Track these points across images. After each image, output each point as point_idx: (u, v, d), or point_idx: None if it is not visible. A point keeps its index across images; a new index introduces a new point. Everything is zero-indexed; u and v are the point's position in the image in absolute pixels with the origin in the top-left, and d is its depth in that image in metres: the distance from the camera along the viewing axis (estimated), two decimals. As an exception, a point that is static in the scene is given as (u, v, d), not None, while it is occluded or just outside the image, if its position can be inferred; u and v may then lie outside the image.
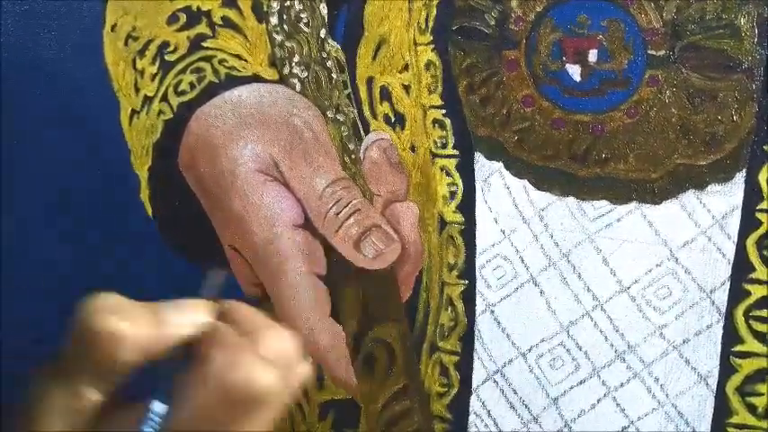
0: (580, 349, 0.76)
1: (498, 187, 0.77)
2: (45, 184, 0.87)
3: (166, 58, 0.79)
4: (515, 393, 0.78)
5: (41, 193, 0.87)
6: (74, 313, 0.48)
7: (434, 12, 0.76)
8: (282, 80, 0.77)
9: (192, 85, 0.77)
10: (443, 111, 0.77)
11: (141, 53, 0.80)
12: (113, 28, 0.81)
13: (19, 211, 0.88)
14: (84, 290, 0.88)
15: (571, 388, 0.76)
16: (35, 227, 0.88)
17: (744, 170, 0.72)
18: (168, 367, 0.48)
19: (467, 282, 0.78)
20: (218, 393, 0.47)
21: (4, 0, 0.84)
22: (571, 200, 0.75)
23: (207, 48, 0.78)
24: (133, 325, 0.46)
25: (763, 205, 0.72)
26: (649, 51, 0.72)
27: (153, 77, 0.79)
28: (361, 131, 0.78)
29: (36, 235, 0.88)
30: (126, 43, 0.81)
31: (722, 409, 0.73)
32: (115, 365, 0.46)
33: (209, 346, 0.48)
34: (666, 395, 0.75)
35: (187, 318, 0.49)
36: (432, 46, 0.77)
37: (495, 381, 0.78)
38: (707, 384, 0.74)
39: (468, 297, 0.78)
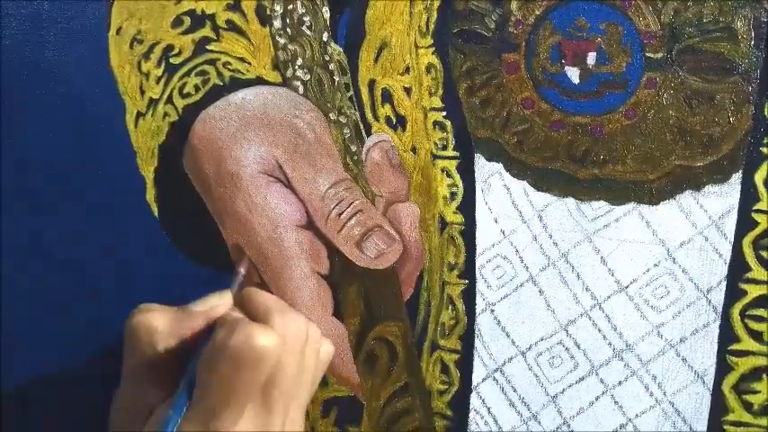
0: (579, 348, 0.76)
1: (498, 188, 0.77)
2: (51, 184, 0.87)
3: (171, 60, 0.79)
4: (515, 391, 0.78)
5: (47, 194, 0.87)
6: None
7: (435, 15, 0.76)
8: (285, 83, 0.77)
9: (196, 88, 0.77)
10: (444, 113, 0.77)
11: (146, 56, 0.80)
12: (118, 31, 0.81)
13: (22, 212, 0.88)
14: (86, 291, 0.88)
15: (570, 386, 0.77)
16: (38, 227, 0.88)
17: (740, 171, 0.72)
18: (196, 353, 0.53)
19: (467, 281, 0.78)
20: (226, 359, 0.50)
21: (9, 3, 0.84)
22: (570, 200, 0.75)
23: (211, 51, 0.78)
24: (163, 319, 0.53)
25: (759, 206, 0.72)
26: (647, 54, 0.72)
27: (158, 80, 0.79)
28: (363, 133, 0.78)
29: (39, 235, 0.88)
30: (131, 46, 0.81)
31: (719, 407, 0.74)
32: (156, 352, 0.52)
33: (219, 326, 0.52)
34: (664, 393, 0.75)
35: (209, 304, 0.55)
36: (432, 49, 0.77)
37: (494, 379, 0.78)
38: (704, 382, 0.74)
39: (469, 296, 0.78)
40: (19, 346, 0.89)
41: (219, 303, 0.55)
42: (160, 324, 0.53)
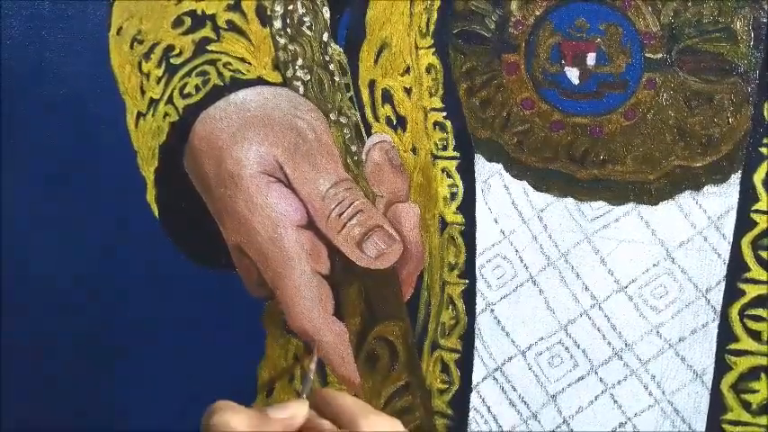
0: (578, 347, 0.76)
1: (498, 188, 0.77)
2: (49, 184, 0.87)
3: (172, 61, 0.79)
4: (515, 390, 0.78)
5: (46, 194, 0.87)
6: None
7: (435, 16, 0.76)
8: (286, 83, 0.77)
9: (197, 88, 0.76)
10: (444, 113, 0.77)
11: (147, 56, 0.80)
12: (119, 31, 0.81)
13: (23, 212, 0.88)
14: (86, 290, 0.88)
15: (569, 385, 0.77)
16: (38, 227, 0.88)
17: (739, 172, 0.72)
18: None
19: (467, 281, 0.78)
20: None
21: (10, 3, 0.84)
22: (570, 201, 0.76)
23: (211, 51, 0.78)
24: (242, 420, 0.54)
25: (758, 206, 0.72)
26: (647, 54, 0.72)
27: (158, 80, 0.79)
28: (364, 134, 0.78)
29: (39, 236, 0.88)
30: (131, 46, 0.81)
31: (717, 406, 0.74)
32: None
33: None
34: (663, 392, 0.75)
35: (288, 412, 0.56)
36: (432, 49, 0.77)
37: (494, 378, 0.78)
38: (702, 382, 0.74)
39: (469, 296, 0.78)
40: (19, 346, 0.89)
41: (299, 412, 0.56)
42: (239, 427, 0.54)
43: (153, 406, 0.89)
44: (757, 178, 0.72)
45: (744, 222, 0.72)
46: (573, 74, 0.74)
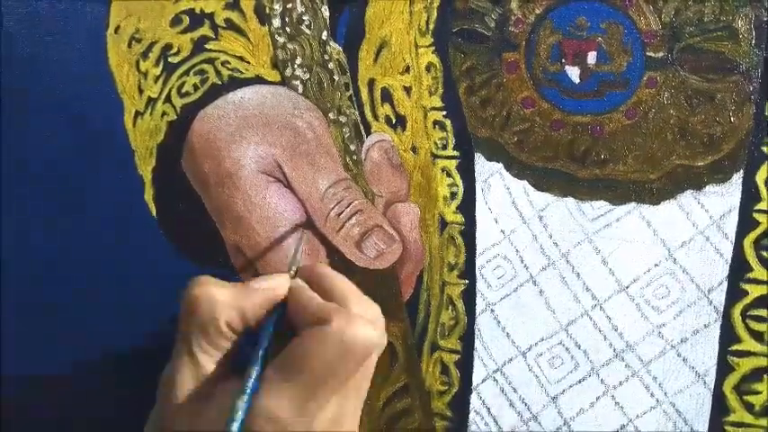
0: (579, 348, 0.76)
1: (498, 188, 0.77)
2: (48, 184, 0.87)
3: (170, 60, 0.78)
4: (515, 392, 0.78)
5: (45, 194, 0.87)
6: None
7: (435, 14, 0.76)
8: (285, 82, 0.77)
9: (195, 87, 0.76)
10: (444, 112, 0.77)
11: (145, 55, 0.80)
12: (117, 30, 0.81)
13: (21, 212, 0.88)
14: (86, 290, 0.88)
15: (570, 386, 0.77)
16: (37, 227, 0.88)
17: (741, 171, 0.72)
18: (265, 330, 0.57)
19: (467, 281, 0.78)
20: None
21: (7, 2, 0.84)
22: (570, 200, 0.75)
23: (210, 50, 0.78)
24: (224, 291, 0.56)
25: (760, 206, 0.72)
26: (648, 53, 0.72)
27: (156, 79, 0.79)
28: (363, 133, 0.78)
29: (38, 235, 0.88)
30: (129, 45, 0.81)
31: (720, 408, 0.74)
32: (216, 324, 0.55)
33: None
34: (665, 393, 0.75)
35: (271, 283, 0.58)
36: (432, 48, 0.77)
37: (495, 379, 0.78)
38: (705, 383, 0.74)
39: (469, 296, 0.78)
40: (19, 346, 0.89)
41: (281, 283, 0.58)
42: (222, 296, 0.55)
43: (150, 406, 0.89)
44: (759, 178, 0.72)
45: (746, 222, 0.72)
46: (573, 73, 0.74)
